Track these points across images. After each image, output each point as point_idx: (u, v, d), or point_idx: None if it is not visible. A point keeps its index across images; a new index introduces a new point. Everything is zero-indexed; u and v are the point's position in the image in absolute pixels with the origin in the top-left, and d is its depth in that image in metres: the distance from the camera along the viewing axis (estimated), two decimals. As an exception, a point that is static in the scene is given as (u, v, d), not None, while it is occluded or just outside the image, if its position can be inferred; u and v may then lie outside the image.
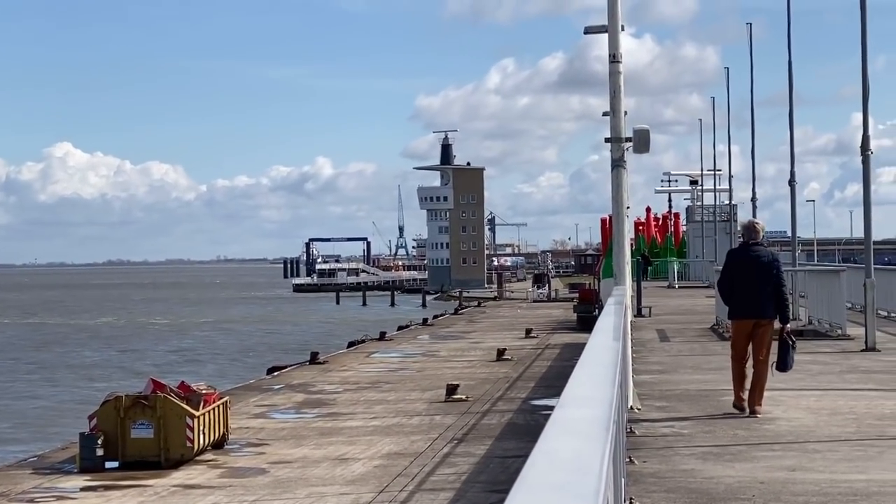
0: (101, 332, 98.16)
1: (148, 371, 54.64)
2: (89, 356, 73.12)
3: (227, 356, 71.64)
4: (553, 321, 62.51)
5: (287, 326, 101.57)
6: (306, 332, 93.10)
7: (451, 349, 45.05)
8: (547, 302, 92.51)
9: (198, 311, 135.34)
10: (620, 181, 18.30)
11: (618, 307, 14.29)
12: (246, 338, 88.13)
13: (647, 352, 24.80)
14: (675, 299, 49.74)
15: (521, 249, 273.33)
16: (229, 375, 54.54)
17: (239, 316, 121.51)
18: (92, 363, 68.23)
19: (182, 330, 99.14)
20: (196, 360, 68.75)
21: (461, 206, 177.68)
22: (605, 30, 18.52)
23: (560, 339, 48.45)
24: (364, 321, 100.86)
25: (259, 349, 75.99)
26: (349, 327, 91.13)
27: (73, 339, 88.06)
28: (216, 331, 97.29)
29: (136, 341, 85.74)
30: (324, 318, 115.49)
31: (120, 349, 78.52)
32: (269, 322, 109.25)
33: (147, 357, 71.94)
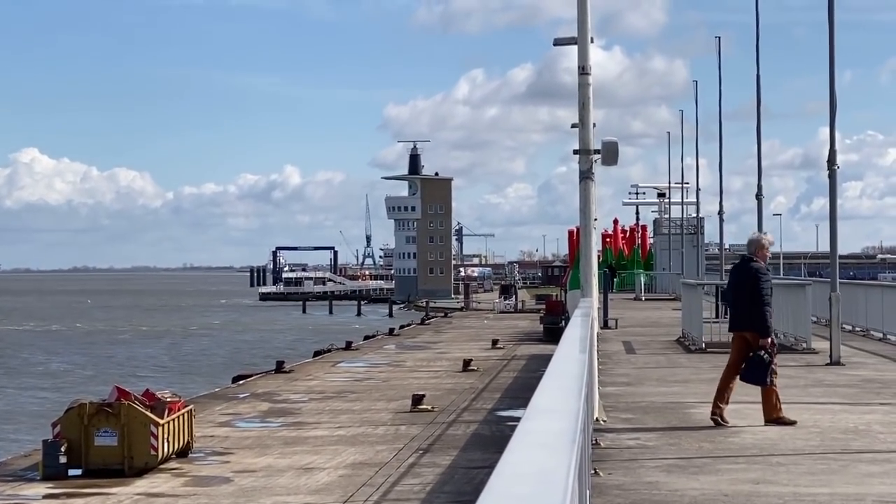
0: (64, 338, 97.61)
1: (112, 378, 54.37)
2: (53, 362, 72.69)
3: (192, 364, 71.35)
4: (520, 332, 62.60)
5: (253, 335, 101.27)
6: (272, 340, 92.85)
7: (418, 359, 45.03)
8: (514, 313, 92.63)
9: (163, 318, 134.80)
10: (588, 193, 18.34)
11: (584, 319, 14.31)
12: (211, 346, 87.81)
13: (614, 364, 24.85)
14: (641, 311, 49.85)
15: (489, 260, 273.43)
16: (194, 383, 54.33)
17: (205, 324, 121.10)
18: (56, 370, 67.83)
19: (147, 337, 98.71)
20: (161, 368, 68.45)
21: (429, 216, 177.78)
22: (574, 42, 18.56)
23: (526, 350, 48.51)
24: (330, 330, 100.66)
25: (224, 357, 75.72)
26: (315, 336, 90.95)
27: (34, 345, 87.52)
28: (181, 338, 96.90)
29: (100, 348, 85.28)
30: (290, 326, 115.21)
31: (84, 356, 78.09)
32: (234, 330, 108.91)
33: (111, 364, 71.57)
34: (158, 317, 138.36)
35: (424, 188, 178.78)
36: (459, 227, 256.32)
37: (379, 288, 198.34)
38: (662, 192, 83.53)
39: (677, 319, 34.92)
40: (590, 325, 15.06)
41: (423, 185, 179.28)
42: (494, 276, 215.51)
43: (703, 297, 30.20)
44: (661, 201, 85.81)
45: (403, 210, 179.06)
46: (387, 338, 61.73)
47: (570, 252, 75.04)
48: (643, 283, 68.35)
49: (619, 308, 47.35)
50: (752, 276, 15.21)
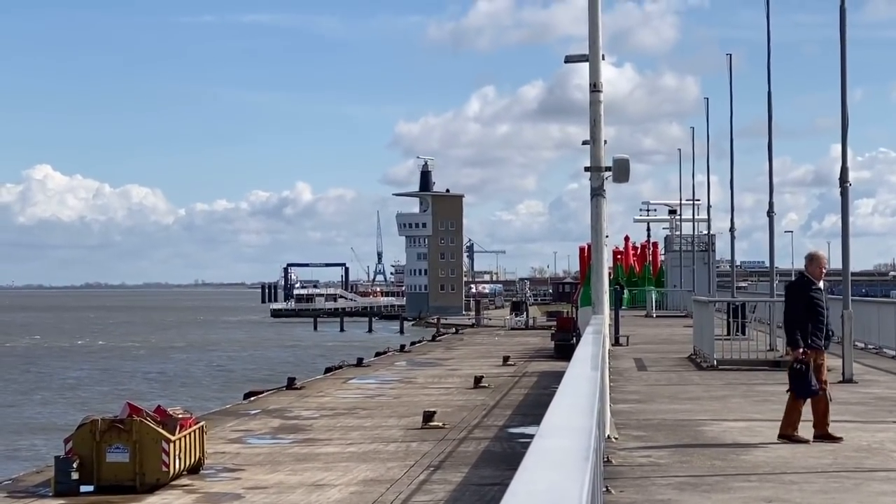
0: (78, 354, 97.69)
1: (124, 394, 54.39)
2: (67, 377, 72.74)
3: (204, 380, 71.36)
4: (530, 349, 62.53)
5: (264, 351, 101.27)
6: (283, 357, 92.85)
7: (429, 376, 44.99)
8: (524, 330, 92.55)
9: (174, 334, 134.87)
10: (599, 210, 18.33)
11: (596, 336, 14.29)
12: (223, 362, 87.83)
13: (625, 381, 24.80)
14: (652, 329, 49.77)
15: (500, 277, 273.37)
16: (206, 400, 54.32)
17: (216, 340, 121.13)
18: (68, 385, 67.87)
19: (158, 353, 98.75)
20: (172, 384, 68.47)
21: (440, 232, 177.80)
22: (585, 59, 18.57)
23: (537, 366, 48.45)
24: (341, 347, 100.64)
25: (236, 374, 75.72)
26: (326, 353, 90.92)
27: (49, 361, 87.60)
28: (192, 355, 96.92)
29: (112, 364, 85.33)
30: (301, 343, 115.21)
31: (96, 372, 78.13)
32: (246, 347, 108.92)
33: (124, 380, 71.61)
34: (170, 333, 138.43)
35: (436, 205, 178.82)
36: (470, 243, 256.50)
37: (390, 304, 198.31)
38: (673, 209, 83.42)
39: (689, 336, 34.86)
40: (601, 342, 15.04)
41: (434, 201, 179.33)
42: (505, 292, 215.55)
43: (714, 314, 30.13)
44: (673, 218, 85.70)
45: (414, 227, 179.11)
46: (398, 354, 61.71)
47: (581, 269, 74.97)
48: (654, 300, 68.25)
49: (630, 325, 47.28)
50: (785, 291, 15.56)
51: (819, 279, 15.13)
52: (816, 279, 15.14)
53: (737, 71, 64.42)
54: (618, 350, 35.45)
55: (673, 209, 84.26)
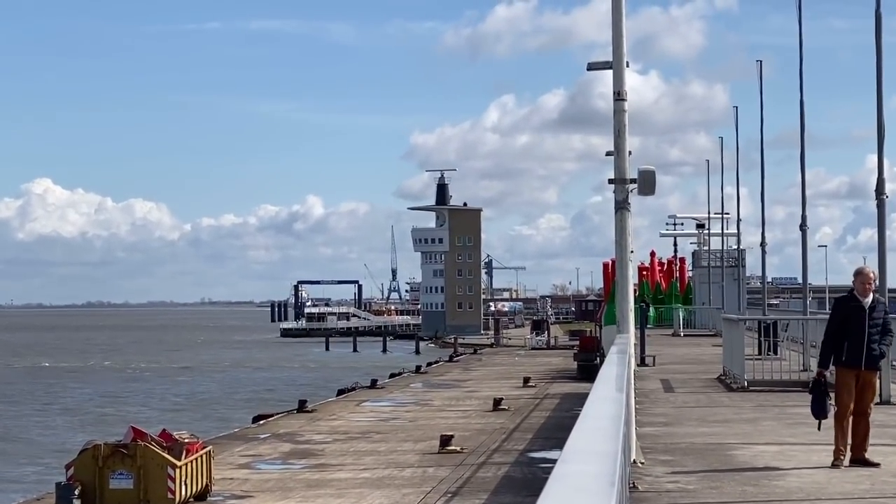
0: (80, 376, 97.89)
1: (128, 418, 54.45)
2: (68, 400, 72.87)
3: (211, 403, 71.41)
4: (552, 370, 62.46)
5: (274, 372, 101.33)
6: (294, 378, 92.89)
7: (446, 398, 44.97)
8: (546, 350, 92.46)
9: (180, 355, 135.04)
10: (624, 224, 18.31)
11: (621, 356, 14.26)
12: (231, 384, 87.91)
13: (651, 403, 24.74)
14: (680, 348, 49.68)
15: (520, 294, 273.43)
16: (213, 423, 54.35)
17: (224, 361, 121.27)
18: (70, 408, 68.00)
19: (163, 375, 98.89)
20: (178, 407, 68.54)
21: (457, 248, 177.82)
22: (609, 66, 18.58)
23: (560, 388, 48.39)
24: (354, 368, 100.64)
25: (244, 396, 75.77)
26: (339, 374, 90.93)
27: (51, 382, 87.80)
28: (199, 376, 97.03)
29: (116, 386, 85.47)
30: (312, 364, 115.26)
31: (99, 394, 78.26)
32: (255, 368, 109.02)
33: (127, 403, 71.71)
34: (176, 353, 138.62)
35: (452, 219, 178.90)
36: (489, 259, 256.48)
37: (405, 324, 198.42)
38: (702, 223, 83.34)
39: (718, 356, 34.78)
40: (626, 362, 15.01)
41: (450, 215, 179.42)
42: (526, 310, 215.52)
43: (744, 332, 30.07)
44: (701, 232, 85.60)
45: (430, 242, 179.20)
46: (413, 376, 61.71)
47: (605, 286, 74.91)
48: (681, 319, 68.11)
49: (656, 344, 47.20)
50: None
51: (864, 295, 15.09)
52: (861, 295, 15.12)
53: (767, 78, 64.12)
54: (644, 371, 35.37)
55: (701, 223, 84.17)
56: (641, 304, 49.62)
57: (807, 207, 33.42)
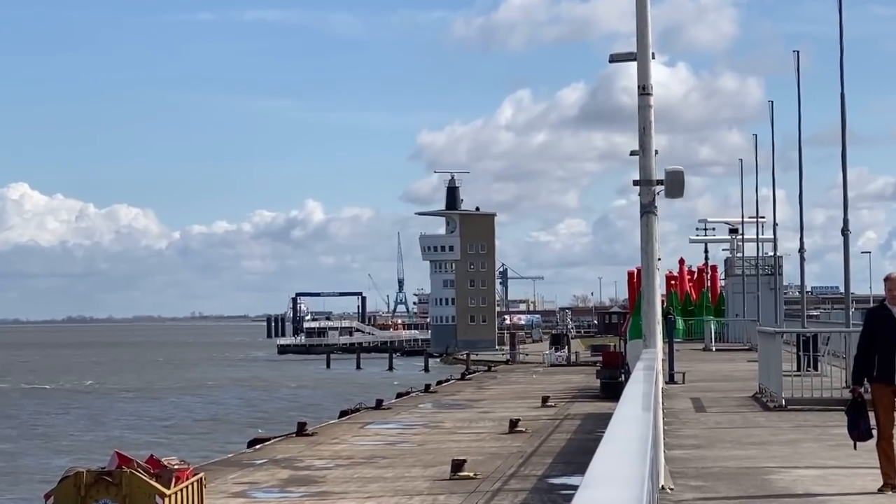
0: (61, 396, 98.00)
1: (113, 442, 54.49)
2: (48, 423, 72.97)
3: (203, 426, 71.46)
4: (573, 388, 62.44)
5: (271, 392, 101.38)
6: (292, 398, 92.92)
7: (458, 419, 44.97)
8: (566, 366, 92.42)
9: (168, 374, 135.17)
10: (650, 229, 18.31)
11: (647, 373, 14.26)
12: (224, 405, 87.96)
13: (681, 423, 24.73)
14: (711, 364, 49.65)
15: (537, 306, 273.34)
16: (205, 448, 54.37)
17: (216, 380, 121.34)
18: (50, 432, 68.08)
19: (152, 395, 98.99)
20: (167, 431, 68.58)
21: (469, 256, 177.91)
22: (633, 58, 18.58)
23: (581, 408, 48.36)
24: (358, 387, 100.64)
25: (239, 418, 75.80)
26: (341, 394, 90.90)
27: (28, 404, 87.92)
28: (190, 396, 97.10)
29: (100, 407, 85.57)
30: (312, 383, 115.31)
31: (82, 416, 78.36)
32: (250, 387, 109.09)
33: (112, 426, 71.78)
34: (164, 372, 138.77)
35: (464, 225, 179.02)
36: (504, 268, 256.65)
37: (413, 339, 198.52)
38: (735, 228, 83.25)
39: (753, 373, 34.75)
40: (654, 379, 15.00)
41: (462, 221, 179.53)
42: (544, 324, 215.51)
43: (782, 346, 30.05)
44: (734, 238, 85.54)
45: (440, 250, 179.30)
46: (422, 395, 61.71)
47: (630, 296, 74.86)
48: (713, 332, 68.09)
49: (686, 360, 47.18)
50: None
51: (893, 303, 15.03)
52: (890, 303, 15.05)
53: (805, 70, 64.41)
54: (672, 388, 35.37)
55: (734, 228, 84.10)
56: (669, 316, 49.59)
57: (849, 210, 33.30)
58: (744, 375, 38.56)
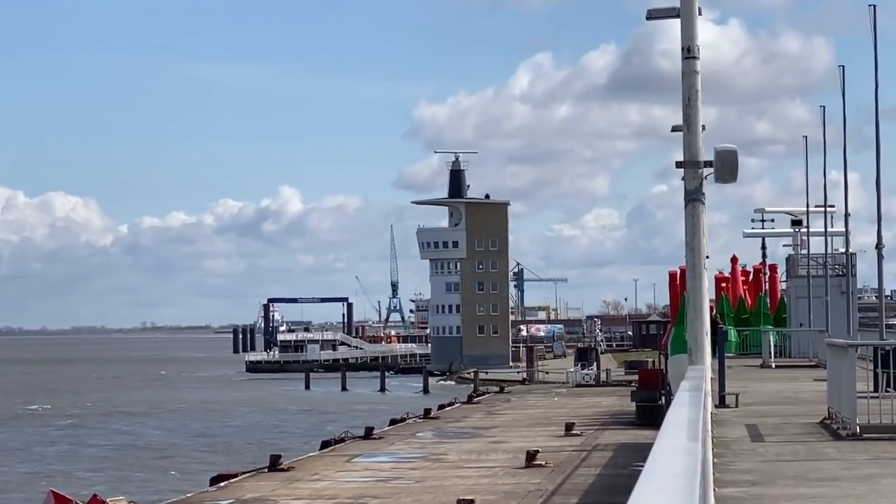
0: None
1: (50, 479, 54.48)
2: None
3: (156, 458, 71.44)
4: (603, 413, 62.46)
5: (238, 419, 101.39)
6: (264, 426, 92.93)
7: (464, 451, 44.98)
8: (595, 387, 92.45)
9: (115, 396, 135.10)
10: (697, 221, 18.30)
11: (694, 394, 14.25)
12: (182, 433, 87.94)
13: (734, 456, 24.71)
14: (770, 383, 49.59)
15: (560, 315, 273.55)
16: (159, 485, 54.37)
17: (173, 403, 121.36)
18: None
19: (94, 422, 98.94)
20: (113, 463, 68.57)
21: (477, 254, 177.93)
22: (675, 14, 18.58)
23: (613, 437, 48.37)
24: (343, 412, 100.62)
25: (200, 449, 75.80)
26: (323, 420, 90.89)
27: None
28: (141, 423, 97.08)
29: (32, 436, 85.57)
30: (288, 407, 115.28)
31: (12, 447, 78.36)
32: (213, 412, 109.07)
33: (49, 458, 71.76)
34: (109, 394, 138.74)
35: (471, 216, 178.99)
36: (519, 269, 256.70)
37: (409, 354, 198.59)
38: (798, 219, 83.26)
39: (821, 394, 34.72)
40: (701, 402, 15.00)
41: (468, 211, 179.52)
42: (568, 335, 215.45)
43: (856, 363, 30.00)
44: (797, 231, 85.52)
45: (442, 247, 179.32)
46: (421, 422, 61.69)
47: (671, 303, 74.79)
48: (773, 345, 68.04)
49: (740, 379, 47.14)
50: None
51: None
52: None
53: (883, 29, 64.21)
54: (724, 413, 35.34)
55: (797, 219, 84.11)
56: (720, 325, 49.54)
57: (937, 197, 33.23)
58: (810, 397, 38.53)
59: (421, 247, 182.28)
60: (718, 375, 39.36)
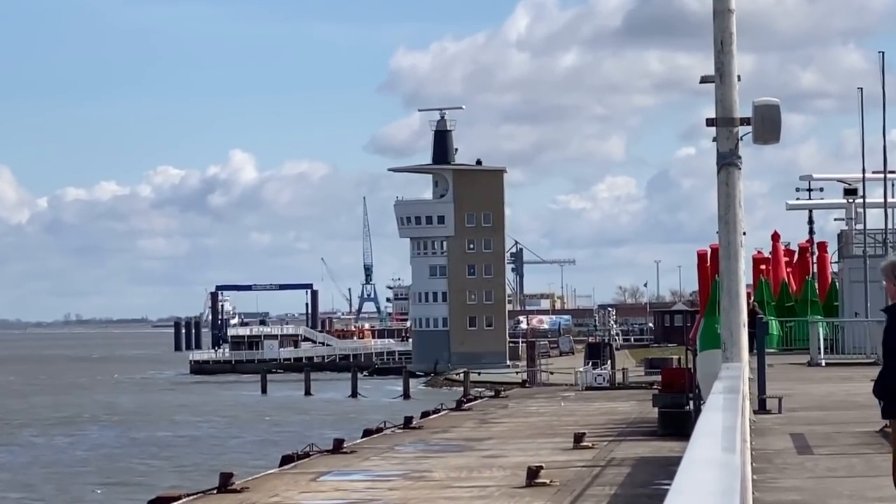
0: None
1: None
2: None
3: (80, 478, 71.50)
4: (619, 421, 62.63)
5: (179, 429, 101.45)
6: (212, 438, 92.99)
7: (452, 467, 45.09)
8: (609, 390, 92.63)
9: (31, 403, 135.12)
10: (732, 190, 18.33)
11: (729, 397, 14.29)
12: (112, 448, 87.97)
13: (777, 471, 24.81)
14: (819, 384, 49.74)
15: (567, 304, 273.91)
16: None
17: (100, 412, 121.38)
18: None
19: (6, 435, 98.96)
20: (26, 486, 68.64)
21: (467, 231, 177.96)
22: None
23: (631, 450, 48.51)
24: (307, 421, 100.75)
25: (133, 466, 75.85)
26: (283, 431, 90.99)
27: None
28: (62, 435, 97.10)
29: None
30: (240, 414, 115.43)
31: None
32: (150, 422, 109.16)
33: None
34: (22, 400, 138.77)
35: (459, 186, 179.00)
36: (518, 249, 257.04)
37: (387, 351, 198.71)
38: (853, 188, 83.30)
39: (879, 397, 34.83)
40: (738, 407, 15.04)
41: (456, 180, 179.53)
42: (577, 328, 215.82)
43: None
44: (851, 202, 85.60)
45: (426, 222, 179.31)
46: (401, 433, 61.82)
47: (700, 288, 74.88)
48: (822, 338, 68.19)
49: (784, 379, 47.28)
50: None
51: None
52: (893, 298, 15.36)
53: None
54: (765, 420, 35.44)
55: (851, 187, 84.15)
56: (758, 315, 49.61)
57: None
58: (866, 401, 38.50)
59: (399, 222, 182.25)
60: (758, 375, 39.44)
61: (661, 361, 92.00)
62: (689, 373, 56.83)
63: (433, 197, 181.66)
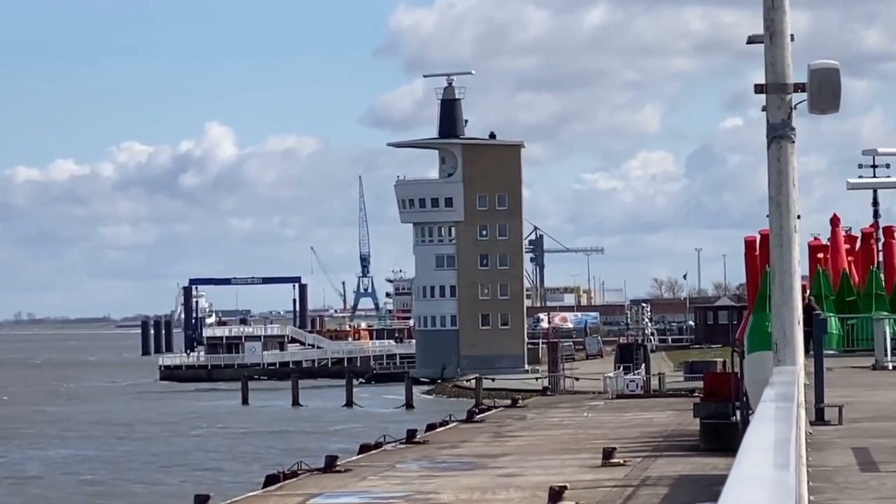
0: None
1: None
2: None
3: (36, 501, 71.65)
4: (655, 433, 62.75)
5: (149, 444, 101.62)
6: (187, 455, 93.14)
7: (463, 488, 45.22)
8: (643, 398, 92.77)
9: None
10: (785, 167, 18.35)
11: (783, 406, 14.33)
12: (74, 464, 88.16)
13: (837, 490, 24.85)
14: (886, 390, 49.81)
15: (594, 299, 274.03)
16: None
17: (56, 426, 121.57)
18: None
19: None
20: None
21: (479, 216, 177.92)
22: None
23: (670, 467, 48.64)
24: (295, 435, 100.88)
25: (95, 487, 75.99)
26: (267, 447, 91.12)
27: None
28: (15, 450, 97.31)
29: None
30: (218, 428, 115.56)
31: None
32: (117, 436, 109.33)
33: None
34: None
35: (469, 164, 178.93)
36: (538, 236, 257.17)
37: (386, 354, 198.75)
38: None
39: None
40: (793, 417, 15.08)
41: (466, 157, 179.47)
42: (605, 327, 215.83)
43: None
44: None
45: (431, 205, 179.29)
46: (403, 448, 61.96)
47: (748, 281, 74.95)
48: (889, 338, 68.32)
49: (844, 386, 47.34)
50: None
51: None
52: None
53: None
54: (823, 432, 35.49)
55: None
56: (815, 312, 49.63)
57: None
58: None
59: (401, 206, 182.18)
60: (815, 381, 39.51)
61: (704, 365, 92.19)
62: (736, 378, 56.95)
63: (439, 176, 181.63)
